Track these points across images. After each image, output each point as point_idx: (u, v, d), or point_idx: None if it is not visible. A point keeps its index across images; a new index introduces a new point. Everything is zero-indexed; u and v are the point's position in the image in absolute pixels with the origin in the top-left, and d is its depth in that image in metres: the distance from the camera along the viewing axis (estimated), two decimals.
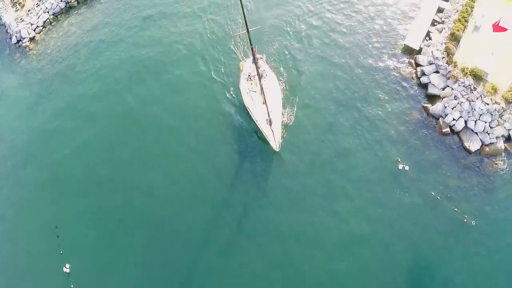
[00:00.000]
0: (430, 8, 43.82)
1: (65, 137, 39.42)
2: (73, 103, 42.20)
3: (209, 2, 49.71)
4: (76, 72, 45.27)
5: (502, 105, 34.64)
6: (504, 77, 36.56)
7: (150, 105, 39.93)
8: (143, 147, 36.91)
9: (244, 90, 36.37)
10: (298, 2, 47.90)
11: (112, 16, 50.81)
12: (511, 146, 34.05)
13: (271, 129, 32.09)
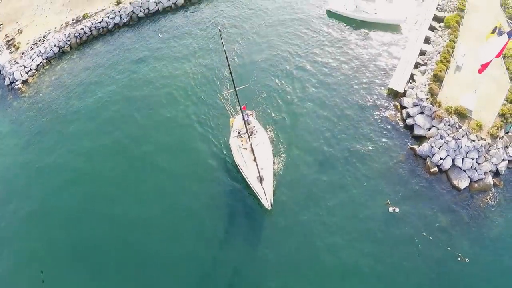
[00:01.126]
0: (413, 51, 46.44)
1: (55, 173, 40.05)
2: (63, 141, 43.37)
3: (199, 47, 53.42)
4: (67, 114, 46.81)
5: (488, 141, 35.75)
6: (488, 113, 38.08)
7: (141, 145, 41.33)
8: (132, 186, 37.67)
9: (234, 148, 36.90)
10: (286, 46, 51.36)
11: (104, 61, 53.88)
12: (499, 181, 34.86)
13: (262, 187, 32.06)
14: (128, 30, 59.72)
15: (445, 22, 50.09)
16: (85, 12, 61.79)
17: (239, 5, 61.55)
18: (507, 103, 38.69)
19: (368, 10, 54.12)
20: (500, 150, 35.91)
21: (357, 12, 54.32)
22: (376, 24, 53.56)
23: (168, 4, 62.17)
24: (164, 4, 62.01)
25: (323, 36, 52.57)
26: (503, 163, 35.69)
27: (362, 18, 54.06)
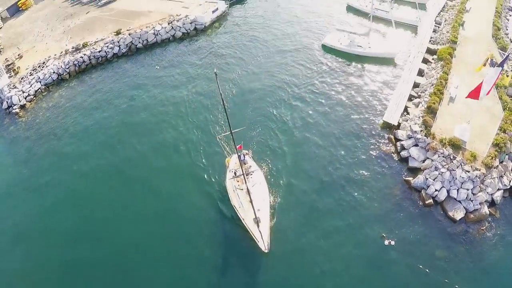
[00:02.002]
0: (407, 84, 48.05)
1: (49, 194, 40.74)
2: (59, 164, 44.15)
3: (195, 77, 55.14)
4: (63, 139, 47.85)
5: (482, 171, 36.49)
6: (482, 143, 39.09)
7: (136, 169, 42.03)
8: (126, 209, 38.11)
9: (230, 188, 36.29)
10: (283, 79, 53.16)
11: (101, 90, 55.44)
12: (495, 211, 35.46)
13: (259, 230, 31.72)
14: (126, 61, 61.79)
15: (438, 55, 52.00)
16: (85, 41, 64.21)
17: (237, 36, 64.19)
18: (500, 133, 39.79)
19: (362, 44, 56.43)
20: (495, 179, 36.62)
21: (351, 47, 56.61)
22: (370, 58, 55.80)
23: (166, 36, 64.87)
24: (162, 36, 64.64)
25: (319, 69, 54.65)
26: (498, 193, 36.33)
27: (356, 52, 56.28)
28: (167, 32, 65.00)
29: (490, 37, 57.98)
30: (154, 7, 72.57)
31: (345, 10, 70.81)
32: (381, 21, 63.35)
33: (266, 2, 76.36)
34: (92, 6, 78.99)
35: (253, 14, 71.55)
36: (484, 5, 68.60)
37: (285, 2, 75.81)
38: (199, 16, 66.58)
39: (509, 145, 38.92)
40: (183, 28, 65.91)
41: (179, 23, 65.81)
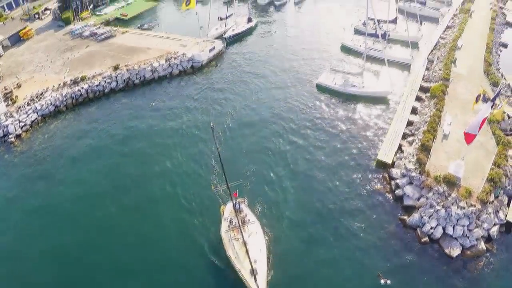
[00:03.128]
0: (400, 122, 49.75)
1: (37, 234, 40.56)
2: (50, 201, 44.29)
3: (191, 116, 56.57)
4: (56, 174, 48.09)
5: (478, 207, 37.44)
6: (477, 179, 40.33)
7: (129, 213, 41.97)
8: (115, 255, 37.87)
9: (225, 238, 35.35)
10: (278, 118, 54.59)
11: (97, 125, 56.53)
12: (492, 246, 36.11)
13: (256, 283, 30.87)
14: (123, 96, 63.50)
15: (431, 92, 54.03)
16: (83, 74, 66.14)
17: (233, 75, 66.41)
18: (495, 168, 40.94)
19: (356, 84, 58.55)
20: (491, 215, 37.41)
21: (345, 86, 58.69)
22: (364, 97, 57.73)
23: (163, 73, 67.04)
24: (160, 73, 66.80)
25: (313, 109, 56.31)
26: (494, 228, 37.06)
27: (350, 92, 58.22)
28: (165, 69, 67.22)
29: (482, 73, 60.40)
30: (152, 44, 75.36)
31: (339, 50, 73.42)
32: (374, 60, 65.67)
33: (262, 42, 79.30)
34: (92, 41, 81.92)
35: (249, 53, 74.20)
36: (476, 41, 71.64)
37: (280, 42, 78.83)
38: (196, 54, 69.09)
39: (504, 180, 40.04)
40: (181, 66, 68.21)
41: (176, 61, 68.11)
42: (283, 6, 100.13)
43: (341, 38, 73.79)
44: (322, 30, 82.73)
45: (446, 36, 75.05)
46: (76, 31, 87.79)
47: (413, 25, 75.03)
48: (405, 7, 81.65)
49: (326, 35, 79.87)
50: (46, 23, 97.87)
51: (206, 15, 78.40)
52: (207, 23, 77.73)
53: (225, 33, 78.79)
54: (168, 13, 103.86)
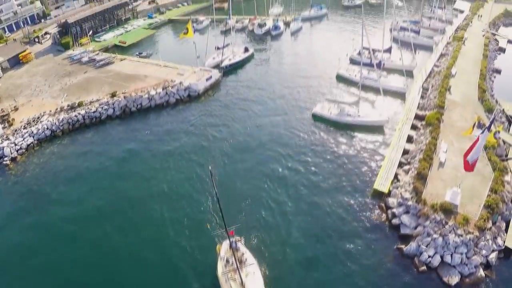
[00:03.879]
0: (396, 151, 50.61)
1: (31, 253, 40.79)
2: (45, 221, 44.69)
3: (188, 141, 57.29)
4: (51, 196, 48.61)
5: (476, 234, 37.72)
6: (474, 205, 40.78)
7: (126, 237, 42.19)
8: (109, 276, 37.94)
9: (222, 279, 34.66)
10: (275, 147, 55.09)
11: (93, 151, 56.98)
12: (491, 272, 36.14)
13: None
14: (120, 123, 64.28)
15: (427, 120, 55.16)
16: (80, 100, 67.23)
17: (229, 104, 67.48)
18: (492, 194, 41.50)
19: (352, 113, 59.59)
20: (489, 241, 37.65)
21: (341, 116, 59.73)
22: (360, 126, 58.60)
23: (160, 101, 68.02)
24: (156, 101, 67.79)
25: (310, 138, 57.11)
26: (493, 254, 37.24)
27: (346, 121, 59.18)
28: (161, 98, 68.24)
29: (477, 99, 61.74)
30: (150, 72, 77.00)
31: (335, 79, 74.82)
32: (370, 89, 66.99)
33: (259, 71, 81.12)
34: (90, 67, 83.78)
35: (246, 82, 75.80)
36: (469, 68, 73.50)
37: (276, 71, 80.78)
38: (193, 84, 70.35)
39: (501, 205, 40.47)
40: (177, 95, 69.30)
41: (173, 89, 69.33)
42: (280, 36, 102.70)
43: (337, 68, 75.27)
44: (318, 60, 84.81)
45: (440, 64, 76.99)
46: (75, 56, 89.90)
47: (407, 54, 77.11)
48: (399, 36, 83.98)
49: (322, 64, 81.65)
50: (46, 47, 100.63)
51: (204, 44, 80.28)
52: (204, 52, 79.61)
53: (222, 63, 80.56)
54: (166, 41, 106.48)
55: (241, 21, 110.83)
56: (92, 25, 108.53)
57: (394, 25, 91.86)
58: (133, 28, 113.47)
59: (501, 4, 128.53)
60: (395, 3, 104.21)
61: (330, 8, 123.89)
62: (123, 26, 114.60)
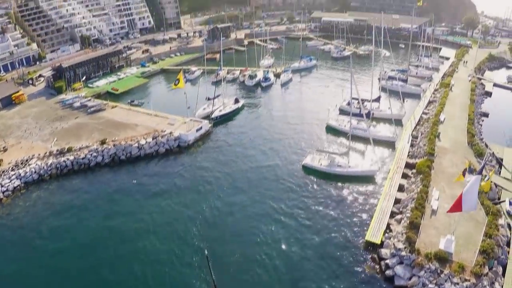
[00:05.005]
0: (388, 201, 50.61)
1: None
2: (26, 268, 43.83)
3: (176, 194, 56.15)
4: (36, 243, 47.63)
5: (472, 281, 37.42)
6: (469, 252, 40.70)
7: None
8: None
9: None
10: (265, 199, 54.47)
11: (79, 198, 56.20)
12: None
13: None
14: (108, 171, 63.70)
15: (417, 168, 55.76)
16: (70, 146, 67.02)
17: (219, 156, 67.05)
18: (487, 239, 41.44)
19: (342, 164, 59.90)
20: (486, 287, 37.12)
21: (331, 167, 59.90)
22: (351, 177, 58.57)
23: (150, 151, 67.77)
24: (146, 150, 67.55)
25: (300, 190, 56.69)
26: None
27: (337, 172, 59.24)
28: (151, 147, 68.06)
29: (466, 144, 62.99)
30: (140, 121, 77.38)
31: (325, 130, 75.43)
32: (360, 140, 67.67)
33: (249, 122, 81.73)
34: (82, 112, 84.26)
35: (236, 134, 76.01)
36: (457, 114, 75.58)
37: (266, 122, 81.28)
38: (183, 134, 70.40)
39: (496, 250, 40.31)
40: (167, 145, 69.12)
41: (163, 139, 69.27)
42: (270, 87, 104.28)
43: (327, 118, 76.05)
44: (308, 110, 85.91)
45: (429, 111, 78.81)
46: (67, 101, 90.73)
47: (396, 102, 79.26)
48: (387, 85, 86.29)
49: (311, 115, 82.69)
50: (39, 90, 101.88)
51: (195, 95, 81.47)
52: (195, 103, 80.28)
53: (213, 113, 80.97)
54: (157, 91, 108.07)
55: (232, 72, 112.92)
56: (86, 71, 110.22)
57: (382, 75, 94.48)
58: (126, 76, 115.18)
59: (485, 49, 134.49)
60: (383, 53, 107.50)
61: (320, 60, 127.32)
62: (116, 73, 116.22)
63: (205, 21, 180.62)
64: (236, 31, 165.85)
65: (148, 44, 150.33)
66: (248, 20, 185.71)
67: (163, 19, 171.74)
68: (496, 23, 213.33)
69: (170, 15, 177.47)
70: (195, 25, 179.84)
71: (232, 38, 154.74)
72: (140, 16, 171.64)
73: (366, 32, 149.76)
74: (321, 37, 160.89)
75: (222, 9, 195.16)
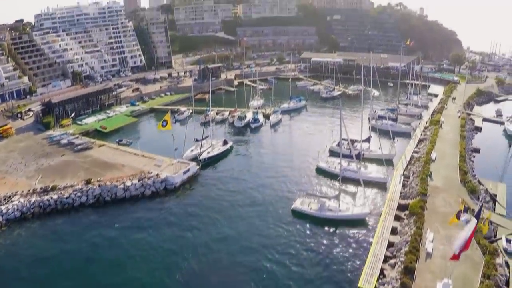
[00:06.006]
0: (381, 245, 48.63)
1: None
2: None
3: (161, 241, 53.84)
4: (13, 283, 45.96)
5: None
6: None
7: None
8: None
9: None
10: (254, 246, 52.29)
11: (62, 240, 54.30)
12: None
13: None
14: (92, 212, 61.51)
15: (410, 210, 54.30)
16: (54, 184, 65.35)
17: (206, 200, 64.50)
18: (485, 280, 39.85)
19: (333, 208, 57.98)
20: None
21: (322, 211, 57.84)
22: (342, 221, 56.67)
23: (135, 192, 65.62)
24: (132, 192, 65.44)
25: (290, 235, 54.46)
26: None
27: (327, 217, 57.17)
28: (137, 189, 66.01)
29: (459, 182, 62.08)
30: (127, 161, 75.80)
31: (315, 172, 73.74)
32: (350, 182, 66.03)
33: (238, 165, 79.69)
34: (68, 150, 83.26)
35: (224, 177, 73.67)
36: (449, 151, 75.35)
37: (255, 165, 79.52)
38: (170, 176, 68.44)
39: None
40: (153, 187, 67.05)
41: (149, 181, 67.26)
42: (259, 128, 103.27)
43: (316, 160, 74.92)
44: (297, 152, 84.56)
45: (420, 150, 78.33)
46: (55, 137, 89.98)
47: (386, 142, 78.47)
48: (377, 125, 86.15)
49: (301, 156, 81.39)
50: (28, 124, 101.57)
51: (183, 136, 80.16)
52: (183, 144, 78.91)
53: (201, 155, 79.26)
54: (146, 130, 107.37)
55: (221, 113, 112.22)
56: (75, 107, 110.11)
57: (372, 114, 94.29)
58: (115, 114, 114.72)
59: (473, 84, 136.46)
60: (372, 93, 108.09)
61: (309, 100, 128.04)
62: (105, 111, 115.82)
63: (196, 61, 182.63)
64: (226, 71, 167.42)
65: (138, 82, 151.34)
66: (239, 61, 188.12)
67: (155, 58, 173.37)
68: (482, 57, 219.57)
69: (162, 54, 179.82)
70: (186, 65, 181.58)
71: (222, 78, 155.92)
72: (132, 55, 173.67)
73: (355, 71, 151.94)
74: (311, 77, 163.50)
75: (213, 49, 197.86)
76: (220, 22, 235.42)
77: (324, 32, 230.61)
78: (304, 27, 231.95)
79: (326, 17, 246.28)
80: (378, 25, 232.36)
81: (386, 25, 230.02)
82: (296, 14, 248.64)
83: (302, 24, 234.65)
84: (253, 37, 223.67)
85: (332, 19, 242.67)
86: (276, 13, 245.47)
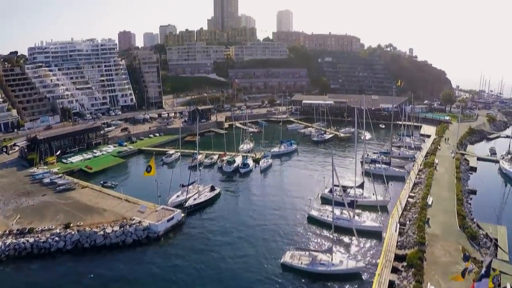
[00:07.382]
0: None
1: None
2: None
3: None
4: None
5: None
6: None
7: None
8: None
9: None
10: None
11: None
12: None
13: None
14: (69, 259, 57.58)
15: (408, 261, 50.78)
16: (31, 226, 62.33)
17: (191, 254, 59.58)
18: None
19: (325, 262, 53.93)
20: None
21: (313, 265, 53.57)
22: (335, 275, 52.49)
23: (116, 240, 61.40)
24: (112, 239, 61.33)
25: None
26: None
27: (319, 271, 53.05)
28: (118, 237, 61.69)
29: (458, 228, 59.29)
30: (109, 206, 72.34)
31: (306, 221, 69.82)
32: (343, 231, 62.44)
33: (226, 213, 75.42)
34: (50, 190, 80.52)
35: (211, 226, 69.20)
36: (445, 194, 72.88)
37: (244, 213, 75.03)
38: (152, 224, 64.22)
39: None
40: (135, 235, 62.54)
41: (131, 229, 62.95)
42: (249, 174, 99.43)
43: (308, 207, 71.63)
44: (288, 199, 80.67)
45: (415, 195, 75.68)
46: (37, 175, 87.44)
47: (380, 187, 76.08)
48: (370, 169, 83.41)
49: (292, 204, 77.68)
50: (12, 159, 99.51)
51: (169, 179, 76.87)
52: (168, 188, 75.37)
53: (186, 202, 75.03)
54: (132, 172, 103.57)
55: (210, 157, 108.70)
56: (61, 145, 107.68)
57: (364, 158, 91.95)
58: (102, 154, 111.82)
59: (464, 122, 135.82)
60: (364, 135, 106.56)
61: (300, 143, 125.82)
62: (92, 150, 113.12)
63: (187, 102, 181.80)
64: (217, 113, 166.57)
65: (128, 122, 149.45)
66: (230, 103, 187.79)
67: (145, 97, 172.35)
68: (472, 95, 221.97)
69: (153, 94, 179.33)
70: (176, 106, 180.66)
71: (212, 120, 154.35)
72: (123, 93, 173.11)
73: (347, 113, 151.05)
74: (302, 119, 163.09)
75: (204, 91, 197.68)
76: (212, 63, 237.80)
77: (315, 74, 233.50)
78: (295, 69, 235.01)
79: (317, 59, 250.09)
80: (369, 66, 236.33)
81: (376, 66, 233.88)
82: (288, 57, 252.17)
83: (293, 66, 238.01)
84: (244, 79, 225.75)
85: (323, 61, 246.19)
86: (268, 55, 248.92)
